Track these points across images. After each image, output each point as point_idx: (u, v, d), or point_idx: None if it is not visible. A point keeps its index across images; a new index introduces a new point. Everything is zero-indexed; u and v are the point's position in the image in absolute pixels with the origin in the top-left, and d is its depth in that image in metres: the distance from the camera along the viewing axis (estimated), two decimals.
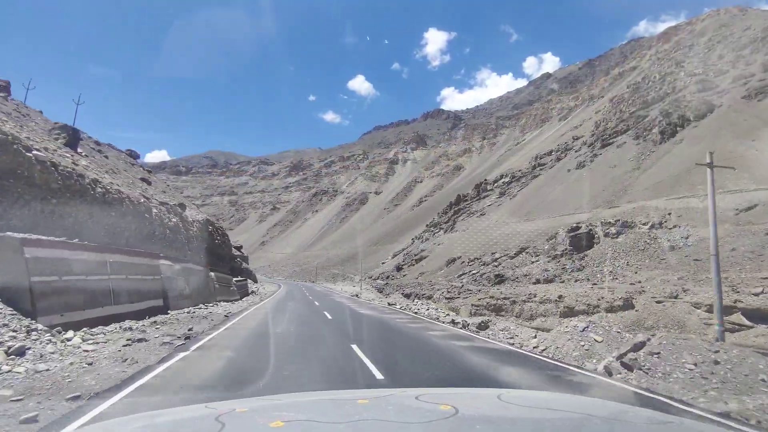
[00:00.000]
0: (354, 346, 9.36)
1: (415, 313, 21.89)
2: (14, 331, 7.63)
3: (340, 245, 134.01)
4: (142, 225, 17.53)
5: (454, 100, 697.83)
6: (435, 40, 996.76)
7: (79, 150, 18.72)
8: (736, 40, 69.81)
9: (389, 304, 28.88)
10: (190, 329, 11.78)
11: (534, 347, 11.02)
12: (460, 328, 14.98)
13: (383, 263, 79.84)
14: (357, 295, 38.29)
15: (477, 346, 10.61)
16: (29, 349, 7.24)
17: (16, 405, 4.80)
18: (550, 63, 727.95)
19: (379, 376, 6.68)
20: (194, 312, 16.85)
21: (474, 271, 41.91)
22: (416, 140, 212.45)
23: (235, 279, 32.04)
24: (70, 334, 9.11)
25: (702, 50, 73.09)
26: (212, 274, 24.09)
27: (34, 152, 12.12)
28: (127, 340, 9.32)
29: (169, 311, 15.57)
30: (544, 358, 9.22)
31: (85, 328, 9.89)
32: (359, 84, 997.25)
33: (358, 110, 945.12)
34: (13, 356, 6.83)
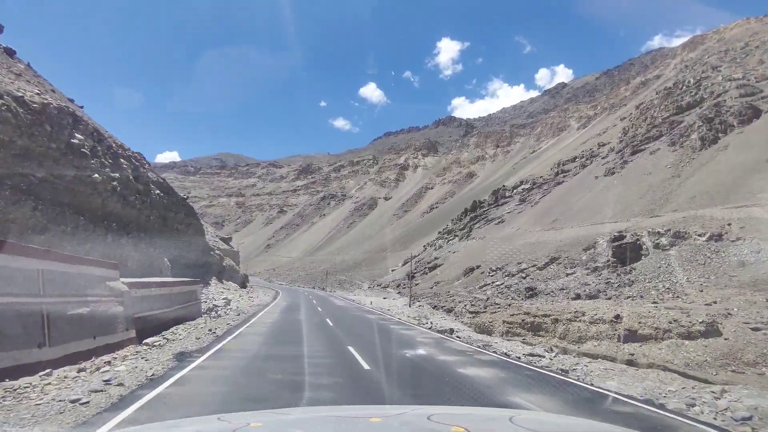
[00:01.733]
0: None
1: None
2: None
3: (346, 251, 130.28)
4: None
5: (464, 109, 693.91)
6: (448, 50, 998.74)
7: None
8: None
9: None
10: None
11: None
12: None
13: (393, 270, 75.85)
14: (451, 331, 18.78)
15: None
16: None
17: None
18: (563, 75, 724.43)
19: None
20: None
21: (498, 282, 37.82)
22: (427, 147, 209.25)
23: (152, 279, 15.04)
24: None
25: (739, 55, 68.94)
26: None
27: None
28: None
29: None
30: None
31: None
32: (371, 91, 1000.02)
33: (369, 117, 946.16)
34: None
